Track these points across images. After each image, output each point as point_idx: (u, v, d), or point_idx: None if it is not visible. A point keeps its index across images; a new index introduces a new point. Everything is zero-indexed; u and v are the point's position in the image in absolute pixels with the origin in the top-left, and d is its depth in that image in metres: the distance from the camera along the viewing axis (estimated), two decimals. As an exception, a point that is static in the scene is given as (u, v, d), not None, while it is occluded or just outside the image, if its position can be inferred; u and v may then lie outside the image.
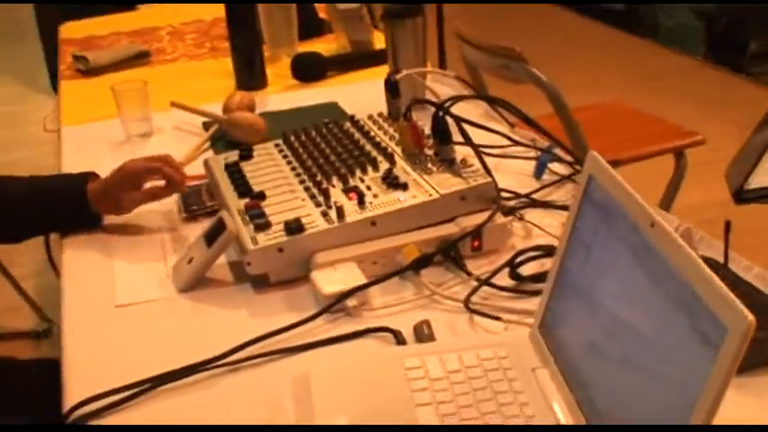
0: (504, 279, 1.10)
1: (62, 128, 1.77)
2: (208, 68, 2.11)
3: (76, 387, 0.95)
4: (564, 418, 0.83)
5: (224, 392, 0.94)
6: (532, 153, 1.45)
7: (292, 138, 1.41)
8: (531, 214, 1.26)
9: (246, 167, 1.33)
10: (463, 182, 1.18)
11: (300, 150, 1.35)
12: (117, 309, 1.11)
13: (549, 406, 0.86)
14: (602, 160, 0.87)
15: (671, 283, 0.70)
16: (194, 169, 1.53)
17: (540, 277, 1.09)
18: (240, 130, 1.59)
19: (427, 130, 1.28)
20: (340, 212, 1.14)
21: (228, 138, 1.62)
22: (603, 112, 2.12)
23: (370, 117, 1.45)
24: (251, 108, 1.70)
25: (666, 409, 0.68)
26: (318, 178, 1.24)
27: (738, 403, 0.83)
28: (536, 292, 1.06)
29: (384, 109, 1.53)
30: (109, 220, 1.31)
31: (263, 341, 1.00)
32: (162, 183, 1.29)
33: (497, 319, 1.01)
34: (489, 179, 1.18)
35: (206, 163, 1.40)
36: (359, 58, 1.98)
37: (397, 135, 1.35)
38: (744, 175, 1.22)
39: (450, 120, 1.26)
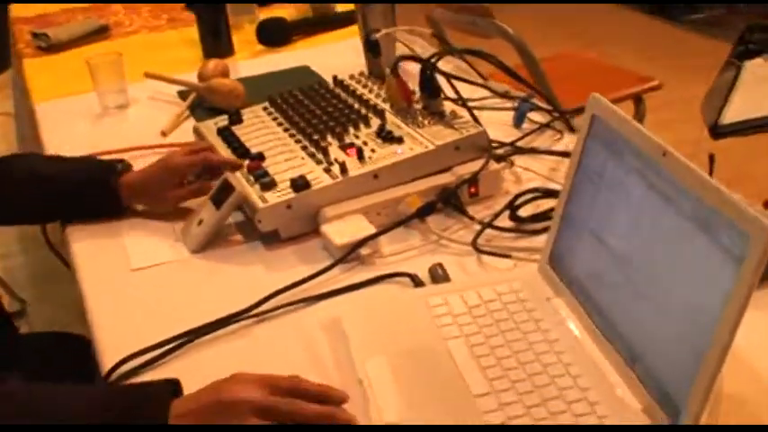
0: (503, 221, 1.16)
1: (36, 105, 1.76)
2: (169, 39, 2.12)
3: (109, 349, 0.98)
4: (585, 340, 0.90)
5: (257, 342, 0.98)
6: (509, 104, 1.51)
7: (279, 100, 1.45)
8: (519, 161, 1.32)
9: (239, 131, 1.36)
10: (456, 132, 1.24)
11: (290, 112, 1.39)
12: (133, 273, 1.14)
13: (569, 330, 0.92)
14: (605, 101, 0.93)
15: (688, 204, 0.76)
16: (176, 137, 1.56)
17: (538, 217, 1.15)
18: (220, 96, 1.62)
19: (412, 86, 1.33)
20: (343, 168, 1.18)
21: (207, 105, 1.65)
22: (563, 62, 2.20)
23: (352, 77, 1.49)
24: (225, 75, 1.72)
25: (690, 327, 0.74)
26: (315, 137, 1.28)
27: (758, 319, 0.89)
28: (536, 231, 1.13)
29: (355, 69, 1.58)
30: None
31: (287, 292, 1.04)
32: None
33: (507, 256, 1.07)
34: (481, 128, 1.24)
35: (196, 130, 1.43)
36: (323, 22, 2.02)
37: (382, 92, 1.40)
38: (716, 111, 1.30)
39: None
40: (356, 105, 1.37)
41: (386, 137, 1.25)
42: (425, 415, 0.82)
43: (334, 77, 1.49)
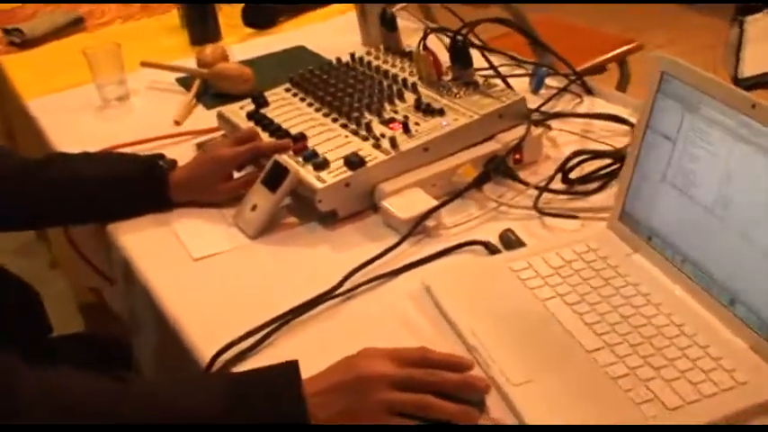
0: (556, 184, 1.19)
1: (27, 102, 1.71)
2: (148, 27, 2.08)
3: (202, 340, 0.98)
4: (677, 290, 0.94)
5: (350, 319, 0.99)
6: (520, 71, 1.54)
7: (301, 81, 1.44)
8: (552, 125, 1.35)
9: (270, 114, 1.36)
10: (497, 101, 1.26)
11: (318, 92, 1.39)
12: (196, 262, 1.13)
13: (659, 281, 0.96)
14: (675, 59, 0.97)
15: (790, 153, 0.81)
16: (189, 125, 1.54)
17: (589, 178, 1.19)
18: (228, 81, 1.60)
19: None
20: (393, 142, 1.19)
21: (213, 91, 1.63)
22: (544, 29, 2.24)
23: (369, 53, 1.50)
24: (225, 59, 1.70)
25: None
26: (354, 114, 1.28)
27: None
28: (591, 192, 1.17)
29: (351, 45, 1.61)
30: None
31: (365, 268, 1.06)
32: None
33: (574, 217, 1.11)
34: (521, 95, 1.27)
35: (221, 115, 1.41)
36: (308, 1, 2.01)
37: (405, 65, 1.41)
38: (733, 67, 1.36)
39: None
40: (384, 81, 1.38)
41: (426, 110, 1.27)
42: (550, 374, 0.85)
43: (352, 55, 1.49)
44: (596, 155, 1.20)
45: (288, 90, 1.43)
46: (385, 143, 1.20)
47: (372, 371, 0.81)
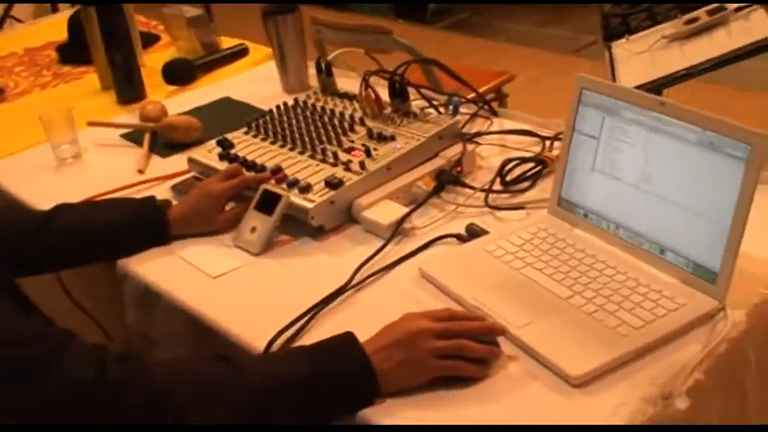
0: (496, 186, 1.47)
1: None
2: (68, 93, 2.21)
3: (249, 336, 1.18)
4: (615, 249, 1.24)
5: (366, 304, 1.23)
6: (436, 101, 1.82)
7: (254, 125, 1.66)
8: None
9: (240, 153, 1.57)
10: (436, 125, 1.54)
11: (276, 131, 1.61)
12: (216, 279, 1.33)
13: (601, 245, 1.25)
14: (592, 78, 1.28)
15: (692, 135, 1.12)
16: (151, 172, 1.72)
17: (519, 179, 1.48)
18: (179, 131, 1.79)
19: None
20: (362, 165, 1.44)
21: (164, 141, 1.81)
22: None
23: (309, 96, 1.74)
24: (165, 113, 1.89)
25: (714, 213, 1.10)
26: (321, 146, 1.52)
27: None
28: (524, 189, 1.46)
29: (271, 92, 1.93)
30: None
31: (366, 264, 1.29)
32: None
33: (521, 208, 1.39)
34: (456, 119, 1.55)
35: (193, 160, 1.61)
36: (223, 57, 2.22)
37: (344, 104, 1.66)
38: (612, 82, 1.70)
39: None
40: (333, 118, 1.62)
41: (379, 137, 1.52)
42: (542, 317, 1.12)
43: (296, 99, 1.73)
44: (523, 160, 1.50)
45: (246, 132, 1.65)
46: (355, 166, 1.45)
47: (418, 327, 1.05)
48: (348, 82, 1.80)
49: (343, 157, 1.48)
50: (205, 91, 2.12)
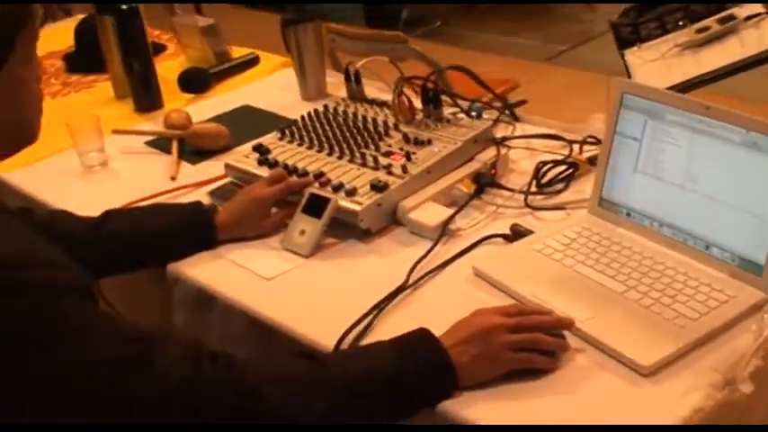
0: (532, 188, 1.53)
1: (2, 175, 1.83)
2: (81, 101, 2.22)
3: (317, 334, 1.21)
4: (660, 246, 1.30)
5: (425, 301, 1.27)
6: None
7: (287, 131, 1.70)
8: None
9: (279, 158, 1.60)
10: (471, 130, 1.59)
11: (311, 136, 1.65)
12: (270, 281, 1.37)
13: (646, 243, 1.31)
14: (633, 82, 1.34)
15: (737, 137, 1.19)
16: (183, 179, 1.75)
17: (554, 180, 1.53)
18: (207, 138, 1.82)
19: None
20: (404, 169, 1.49)
21: (191, 149, 1.84)
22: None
23: (338, 103, 1.78)
24: (190, 121, 1.92)
25: (760, 210, 1.16)
26: (361, 151, 1.56)
27: None
28: (560, 191, 1.51)
29: (287, 98, 2.00)
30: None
31: (419, 264, 1.34)
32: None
33: (562, 208, 1.45)
34: (489, 124, 1.60)
35: (231, 166, 1.64)
36: (236, 66, 2.25)
37: (375, 110, 1.71)
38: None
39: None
40: (367, 124, 1.66)
41: (416, 142, 1.57)
42: (603, 311, 1.17)
43: (325, 106, 1.76)
44: (556, 163, 1.56)
45: (281, 138, 1.68)
46: (397, 170, 1.49)
47: (491, 322, 1.10)
48: (372, 90, 1.84)
49: (383, 161, 1.53)
50: (221, 99, 2.15)
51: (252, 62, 2.29)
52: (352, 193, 1.45)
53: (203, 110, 2.07)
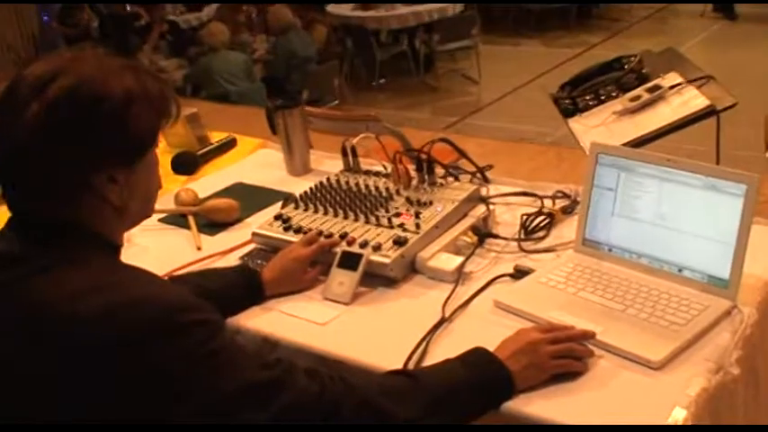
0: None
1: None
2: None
3: (380, 363, 1.47)
4: (641, 273, 1.61)
5: (460, 331, 1.53)
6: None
7: (299, 200, 1.96)
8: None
9: (302, 224, 1.86)
10: (462, 192, 1.89)
11: (324, 205, 1.91)
12: (323, 326, 1.60)
13: (628, 272, 1.63)
14: (606, 144, 1.68)
15: (698, 182, 1.54)
16: (207, 248, 1.96)
17: (535, 229, 1.85)
18: (221, 212, 2.05)
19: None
20: (417, 226, 1.77)
21: (205, 222, 2.06)
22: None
23: (337, 175, 2.05)
24: (197, 197, 2.14)
25: (720, 237, 1.50)
26: (376, 213, 1.83)
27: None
28: (543, 237, 1.83)
29: (272, 175, 2.26)
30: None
31: (450, 299, 1.61)
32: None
33: (552, 250, 1.76)
34: (477, 185, 1.91)
35: (258, 234, 1.88)
36: (218, 148, 2.49)
37: (374, 180, 1.99)
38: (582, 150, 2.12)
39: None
40: (371, 191, 1.94)
41: (419, 203, 1.86)
42: (611, 324, 1.47)
43: (327, 179, 2.03)
44: (538, 214, 1.87)
45: (296, 208, 1.94)
46: (410, 227, 1.77)
47: (534, 337, 1.38)
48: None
49: (396, 221, 1.80)
50: (211, 178, 2.37)
51: (230, 144, 2.54)
52: (378, 248, 1.71)
53: (199, 188, 2.28)
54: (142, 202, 1.29)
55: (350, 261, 1.70)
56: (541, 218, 1.87)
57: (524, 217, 1.86)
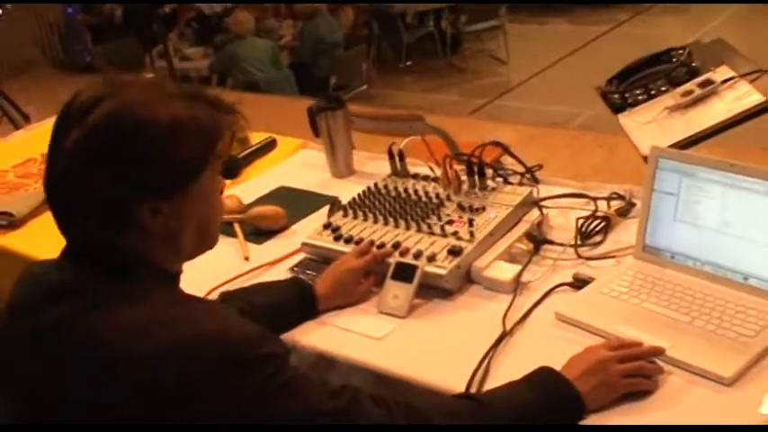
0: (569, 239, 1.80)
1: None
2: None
3: (442, 379, 1.44)
4: (704, 281, 1.57)
5: (523, 345, 1.50)
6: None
7: (348, 208, 1.93)
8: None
9: (352, 233, 1.83)
10: (517, 195, 1.85)
11: (374, 212, 1.88)
12: (381, 340, 1.58)
13: (692, 279, 1.59)
14: (666, 148, 1.63)
15: (761, 188, 1.49)
16: (255, 258, 1.94)
17: (591, 233, 1.81)
18: (268, 220, 2.03)
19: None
20: (471, 234, 1.74)
21: (251, 230, 2.04)
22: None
23: (385, 179, 2.02)
24: (242, 204, 2.12)
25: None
26: (427, 221, 1.80)
27: None
28: (599, 242, 1.78)
29: (314, 175, 2.24)
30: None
31: (509, 311, 1.58)
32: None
33: (612, 257, 1.72)
34: (530, 189, 1.87)
35: (309, 244, 1.85)
36: (259, 150, 2.46)
37: (424, 184, 1.95)
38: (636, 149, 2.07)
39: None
40: (421, 197, 1.90)
41: (472, 209, 1.82)
42: (680, 337, 1.44)
43: (375, 184, 1.99)
44: (594, 218, 1.83)
45: (345, 215, 1.91)
46: (465, 235, 1.73)
47: (603, 356, 1.35)
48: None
49: (449, 228, 1.77)
50: (254, 182, 2.35)
51: (271, 145, 2.51)
52: (432, 258, 1.68)
53: (242, 193, 2.26)
54: (196, 232, 1.25)
55: (404, 273, 1.67)
56: (597, 221, 1.83)
57: (580, 221, 1.82)
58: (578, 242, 1.78)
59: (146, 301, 1.16)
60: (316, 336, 1.62)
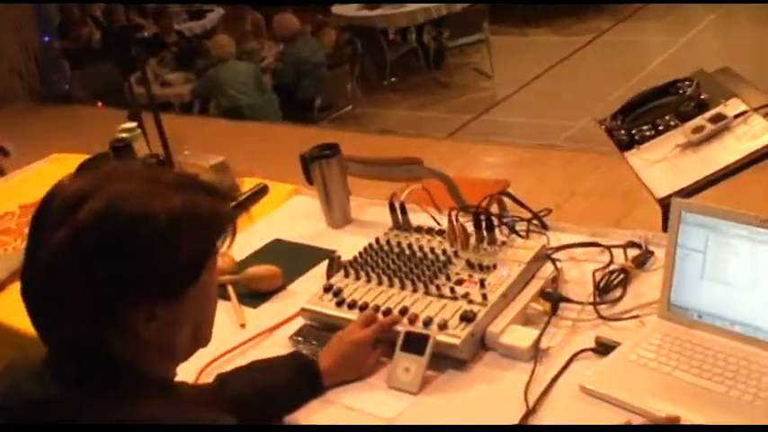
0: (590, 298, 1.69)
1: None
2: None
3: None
4: (736, 343, 1.47)
5: (553, 421, 1.40)
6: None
7: (349, 268, 1.81)
8: (548, 258, 1.85)
9: (354, 298, 1.71)
10: (529, 250, 1.74)
11: (376, 272, 1.76)
12: (396, 418, 1.47)
13: (722, 342, 1.48)
14: (690, 201, 1.53)
15: (799, 245, 1.39)
16: (250, 324, 1.82)
17: (609, 287, 1.70)
18: (264, 281, 1.91)
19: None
20: (484, 297, 1.62)
21: (246, 292, 1.92)
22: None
23: (387, 234, 1.90)
24: (235, 263, 2.00)
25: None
26: (435, 282, 1.69)
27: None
28: (618, 298, 1.68)
29: (307, 226, 2.14)
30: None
31: (530, 381, 1.47)
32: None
33: (635, 317, 1.61)
34: (542, 242, 1.76)
35: (308, 310, 1.74)
36: (251, 197, 2.34)
37: (428, 238, 1.84)
38: (649, 191, 1.97)
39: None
40: (426, 254, 1.79)
41: (481, 267, 1.71)
42: (720, 415, 1.33)
43: (377, 240, 1.88)
44: (611, 272, 1.72)
45: (346, 276, 1.79)
46: (476, 297, 1.62)
47: None
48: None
49: (459, 290, 1.65)
50: (247, 235, 2.22)
51: (262, 192, 2.39)
52: (444, 326, 1.57)
53: (233, 247, 2.14)
54: (192, 335, 1.15)
55: (415, 343, 1.56)
56: (615, 274, 1.73)
57: (597, 275, 1.71)
58: (597, 299, 1.67)
59: (134, 417, 1.05)
60: (321, 416, 1.51)
